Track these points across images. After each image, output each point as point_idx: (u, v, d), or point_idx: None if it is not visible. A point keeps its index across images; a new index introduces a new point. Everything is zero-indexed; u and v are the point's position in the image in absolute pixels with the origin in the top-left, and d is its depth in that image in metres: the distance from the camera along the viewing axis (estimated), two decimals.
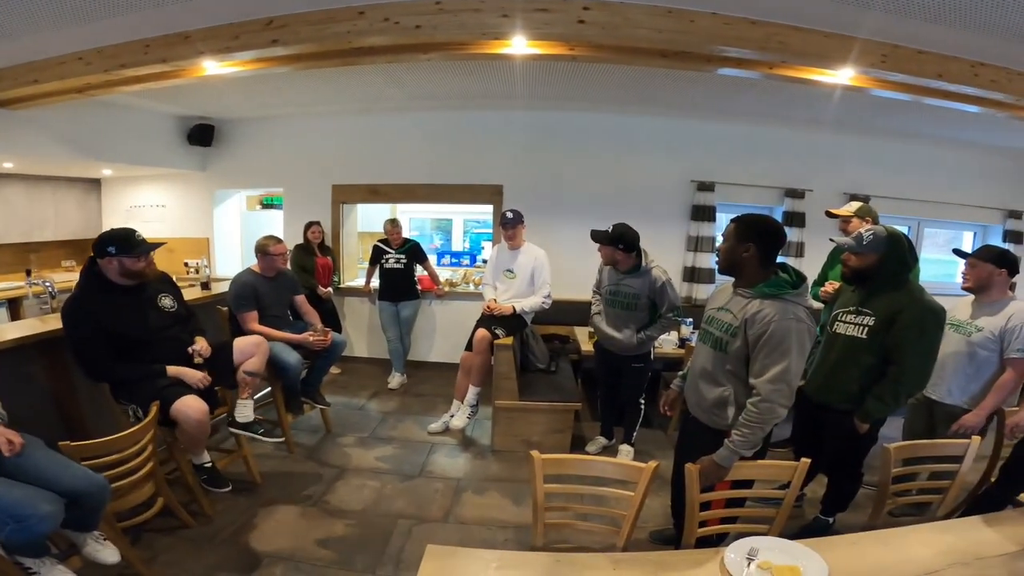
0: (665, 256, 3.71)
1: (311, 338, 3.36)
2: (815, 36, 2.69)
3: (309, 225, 4.99)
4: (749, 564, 1.35)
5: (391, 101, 4.92)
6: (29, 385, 2.69)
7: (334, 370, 4.94)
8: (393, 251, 4.83)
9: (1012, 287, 2.58)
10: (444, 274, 5.68)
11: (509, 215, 3.85)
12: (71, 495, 1.85)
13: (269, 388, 3.39)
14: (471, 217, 8.07)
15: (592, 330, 3.63)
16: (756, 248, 1.86)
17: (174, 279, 2.88)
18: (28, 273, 5.42)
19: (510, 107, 5.05)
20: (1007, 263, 2.51)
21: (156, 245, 2.52)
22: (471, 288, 5.51)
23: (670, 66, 3.01)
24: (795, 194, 5.10)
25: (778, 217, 5.22)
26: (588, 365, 4.19)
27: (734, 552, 1.41)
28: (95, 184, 6.31)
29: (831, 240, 2.70)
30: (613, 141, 5.16)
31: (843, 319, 2.43)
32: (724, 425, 1.91)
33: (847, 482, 2.61)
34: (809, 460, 1.71)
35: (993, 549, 1.50)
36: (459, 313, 5.32)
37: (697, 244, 5.14)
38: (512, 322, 3.77)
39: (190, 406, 2.41)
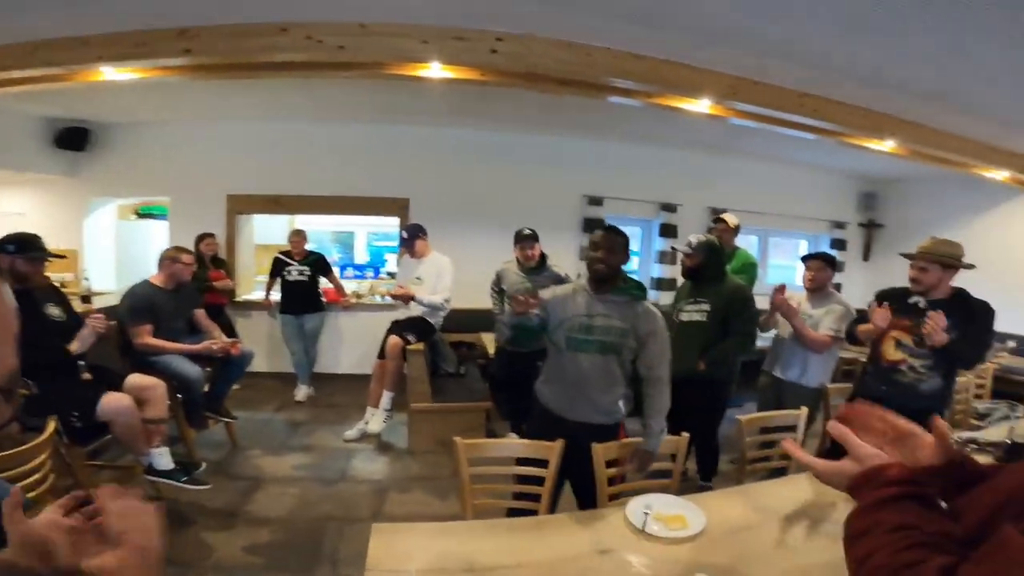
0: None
1: (214, 346, 3.25)
2: (684, 70, 3.04)
3: (202, 237, 4.73)
4: (646, 516, 1.64)
5: (296, 110, 4.86)
6: None
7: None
8: (296, 263, 4.74)
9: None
10: (350, 286, 5.64)
11: (404, 235, 4.07)
12: None
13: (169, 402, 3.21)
14: (374, 230, 8.04)
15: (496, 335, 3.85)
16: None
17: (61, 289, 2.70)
18: None
19: (418, 122, 5.18)
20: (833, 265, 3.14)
21: (57, 255, 2.51)
22: (377, 300, 5.53)
23: (569, 92, 3.26)
24: (669, 208, 5.78)
25: (655, 229, 5.89)
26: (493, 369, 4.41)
27: (635, 504, 1.72)
28: None
29: (673, 248, 3.17)
30: (513, 158, 5.51)
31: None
32: (619, 418, 2.12)
33: (708, 452, 3.10)
34: (688, 435, 2.09)
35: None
36: (366, 324, 5.30)
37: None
38: (422, 328, 3.90)
39: (117, 400, 2.38)
